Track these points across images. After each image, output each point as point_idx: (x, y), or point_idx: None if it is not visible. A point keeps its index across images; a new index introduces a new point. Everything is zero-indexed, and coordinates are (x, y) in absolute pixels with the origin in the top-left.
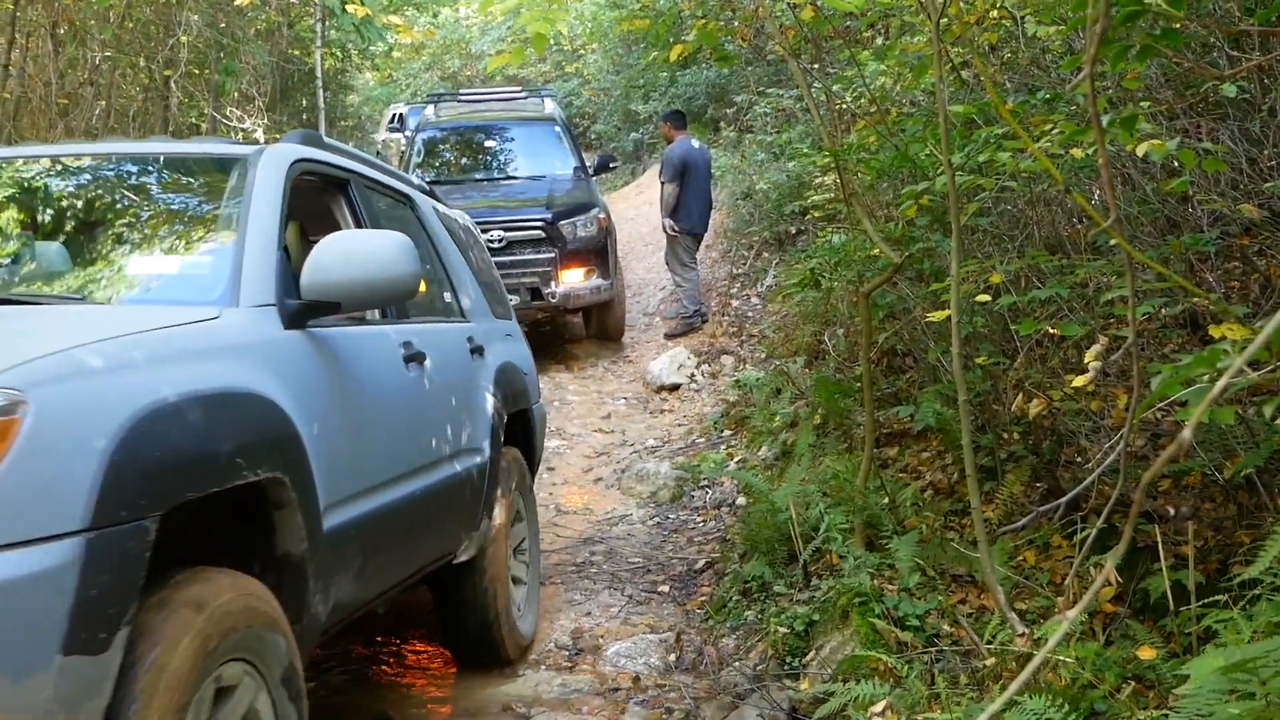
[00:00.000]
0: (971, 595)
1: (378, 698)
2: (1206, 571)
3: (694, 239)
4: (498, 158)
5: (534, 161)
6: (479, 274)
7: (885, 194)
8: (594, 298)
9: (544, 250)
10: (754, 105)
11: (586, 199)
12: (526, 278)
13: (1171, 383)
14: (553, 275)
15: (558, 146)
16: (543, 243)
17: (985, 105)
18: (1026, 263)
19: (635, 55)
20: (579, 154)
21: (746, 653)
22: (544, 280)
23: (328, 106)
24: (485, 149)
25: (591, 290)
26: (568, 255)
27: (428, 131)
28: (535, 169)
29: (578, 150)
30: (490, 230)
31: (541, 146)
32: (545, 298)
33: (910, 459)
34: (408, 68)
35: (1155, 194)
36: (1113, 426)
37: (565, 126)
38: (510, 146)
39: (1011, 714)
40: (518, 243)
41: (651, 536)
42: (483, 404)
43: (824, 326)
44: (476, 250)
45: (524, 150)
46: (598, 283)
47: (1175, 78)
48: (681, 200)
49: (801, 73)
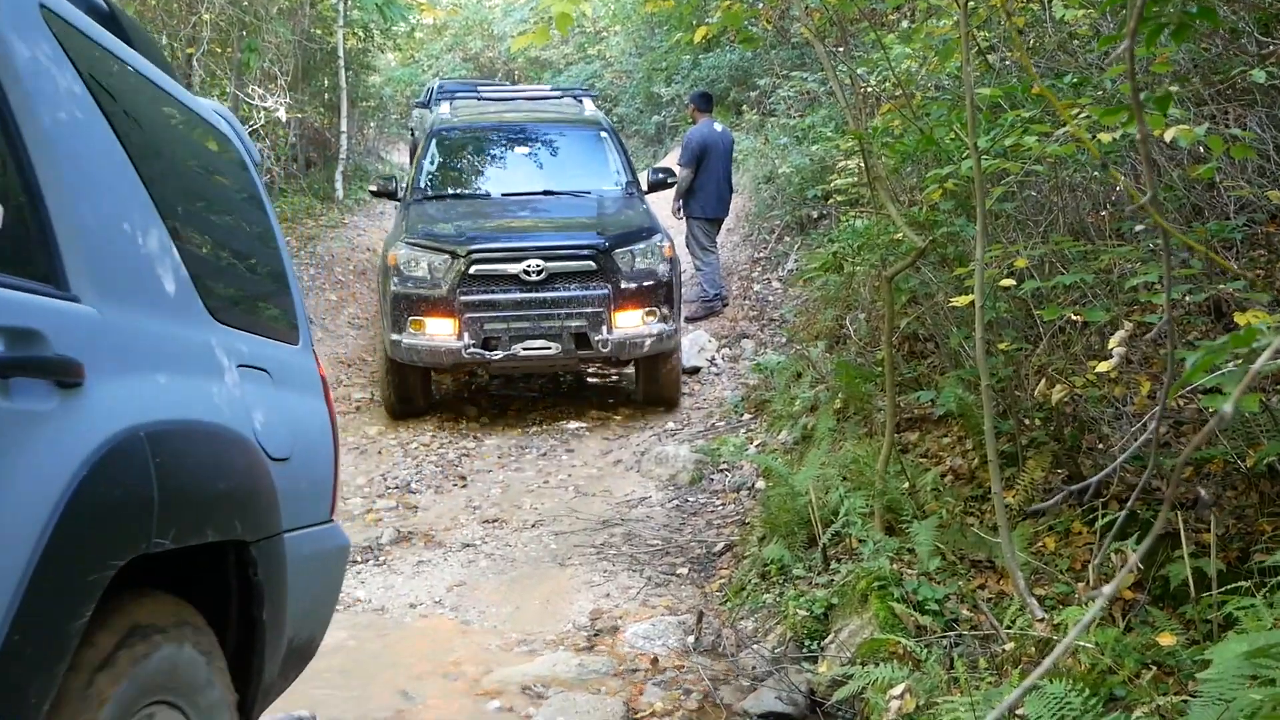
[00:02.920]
0: (991, 580)
1: None
2: (1227, 559)
3: (711, 223)
4: (531, 167)
5: (577, 174)
6: (186, 215)
7: (909, 178)
8: (655, 347)
9: (594, 285)
10: (777, 88)
11: (646, 222)
12: (571, 320)
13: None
14: (604, 318)
15: (605, 157)
16: (593, 276)
17: (1012, 89)
18: (1051, 248)
19: (658, 37)
20: (630, 167)
21: (765, 635)
22: (593, 324)
23: (350, 86)
24: (515, 156)
25: (652, 338)
26: (624, 293)
27: (443, 131)
28: (578, 183)
29: (628, 162)
30: (526, 259)
31: (585, 156)
32: (594, 346)
33: (930, 444)
34: (430, 48)
35: (1182, 180)
36: (1135, 413)
37: (613, 133)
38: (547, 155)
39: (1032, 698)
40: (561, 276)
41: (670, 519)
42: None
43: (845, 311)
44: (222, 169)
45: (564, 160)
46: (660, 328)
47: (1204, 63)
48: (698, 184)
49: (827, 55)
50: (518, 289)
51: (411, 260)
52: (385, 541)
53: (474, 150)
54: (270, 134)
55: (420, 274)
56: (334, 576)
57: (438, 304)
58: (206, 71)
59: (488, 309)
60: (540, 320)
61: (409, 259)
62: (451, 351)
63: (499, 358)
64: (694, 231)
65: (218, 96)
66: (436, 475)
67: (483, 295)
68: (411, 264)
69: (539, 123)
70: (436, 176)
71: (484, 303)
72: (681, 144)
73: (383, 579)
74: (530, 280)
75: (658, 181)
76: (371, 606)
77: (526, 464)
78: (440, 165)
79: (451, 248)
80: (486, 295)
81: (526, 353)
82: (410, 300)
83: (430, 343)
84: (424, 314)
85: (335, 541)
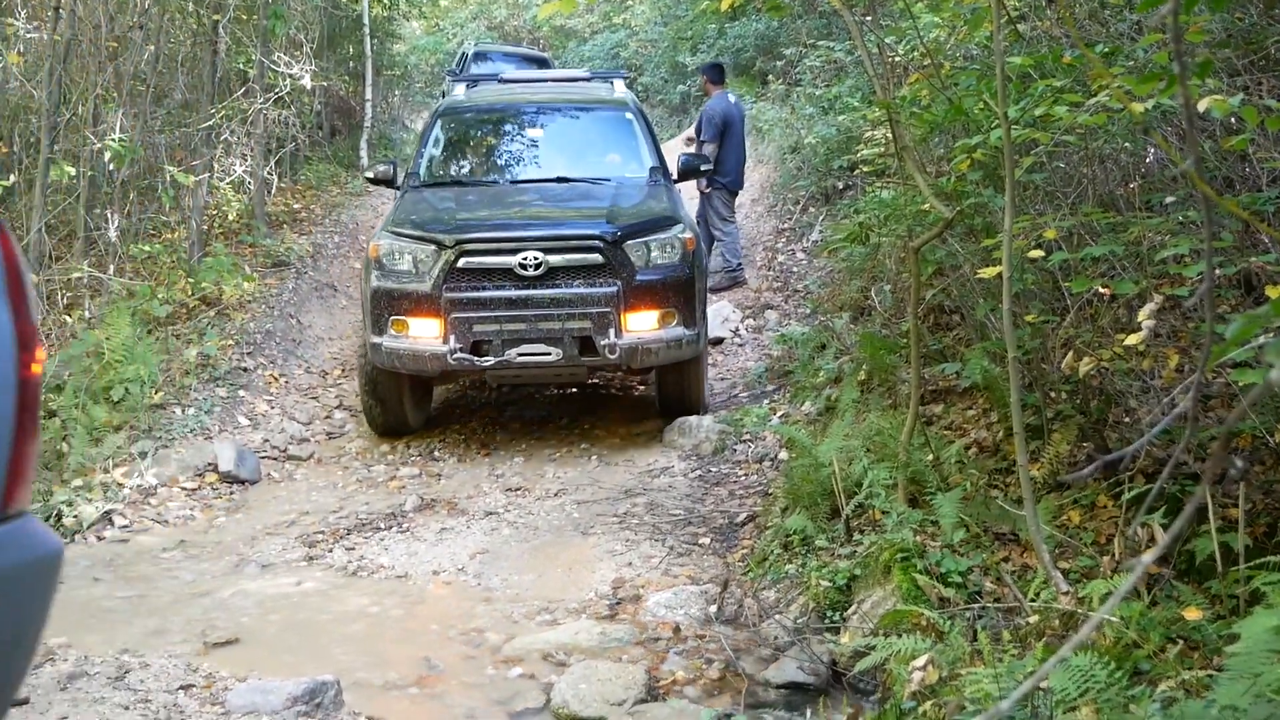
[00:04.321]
0: (1015, 553)
1: None
2: (1255, 534)
3: (731, 194)
4: (546, 152)
5: (598, 159)
6: None
7: (937, 149)
8: (671, 354)
9: (601, 282)
10: (804, 58)
11: (667, 211)
12: (573, 321)
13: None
14: (612, 319)
15: (632, 141)
16: (600, 271)
17: (1042, 58)
18: (1080, 220)
19: (684, 6)
20: (659, 152)
21: (787, 606)
22: (599, 326)
23: (375, 54)
24: (528, 140)
25: (669, 343)
26: (636, 290)
27: (450, 112)
28: (599, 169)
29: (657, 147)
30: (523, 250)
31: (609, 139)
32: (600, 351)
33: (955, 416)
34: (454, 16)
35: (1214, 151)
36: (1163, 387)
37: (641, 114)
38: (566, 138)
39: (1057, 672)
40: (563, 270)
41: (693, 489)
42: None
43: (871, 282)
44: None
45: (585, 144)
46: (679, 332)
47: (1238, 33)
48: (721, 156)
49: (855, 24)
50: (512, 285)
51: (394, 252)
52: (409, 509)
53: (483, 133)
54: (295, 102)
55: (404, 267)
56: (22, 600)
57: (422, 301)
58: (232, 39)
59: (477, 308)
60: (538, 321)
61: (391, 250)
62: (436, 357)
63: (490, 364)
64: (714, 203)
65: (244, 64)
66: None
67: (472, 292)
68: (394, 256)
69: (558, 103)
70: (439, 162)
71: (473, 300)
72: (700, 118)
73: (406, 546)
74: (527, 275)
75: (690, 168)
76: (394, 573)
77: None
78: (445, 149)
79: (438, 237)
80: (476, 292)
81: (523, 359)
82: (392, 297)
83: (413, 346)
84: (407, 313)
85: (22, 549)
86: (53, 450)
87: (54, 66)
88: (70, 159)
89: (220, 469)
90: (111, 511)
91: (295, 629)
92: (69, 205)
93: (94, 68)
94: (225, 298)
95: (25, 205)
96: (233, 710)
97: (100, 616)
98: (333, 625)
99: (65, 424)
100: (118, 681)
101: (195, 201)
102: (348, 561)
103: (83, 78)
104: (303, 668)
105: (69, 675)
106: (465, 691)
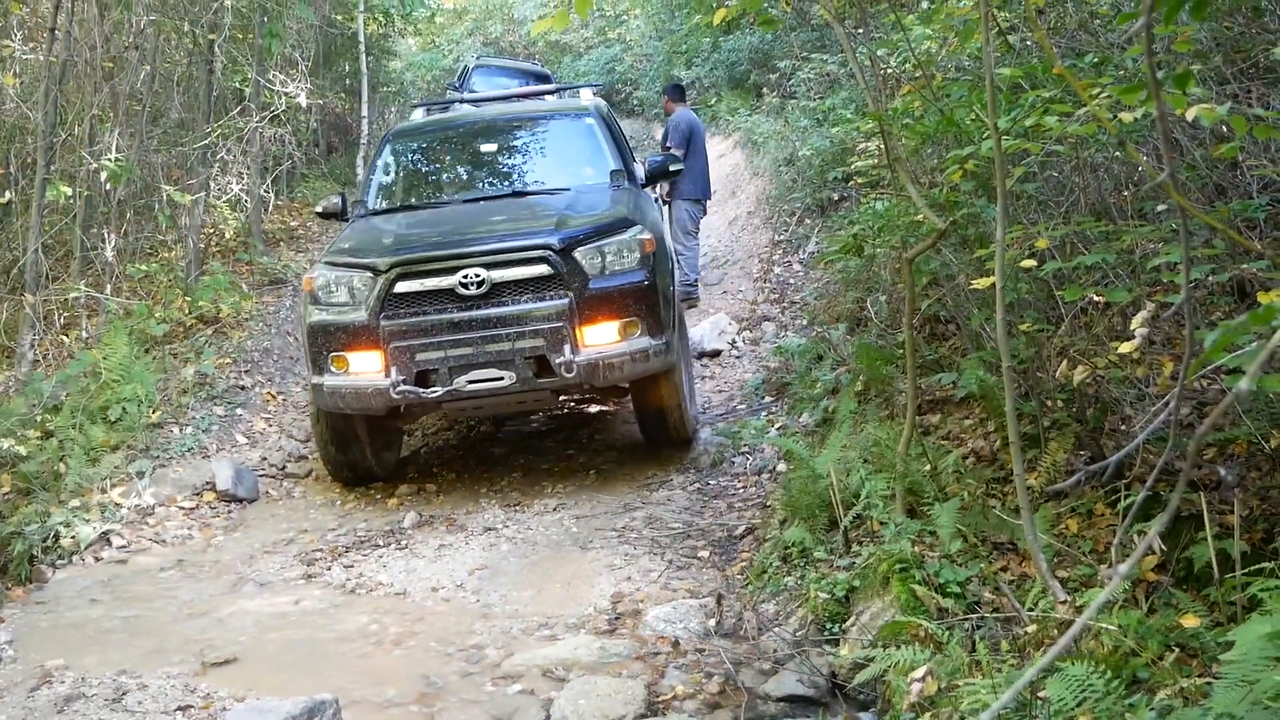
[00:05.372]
0: (1013, 562)
1: None
2: (1251, 540)
3: (697, 204)
4: (501, 167)
5: (557, 169)
6: None
7: (930, 160)
8: (639, 367)
9: (551, 295)
10: (797, 71)
11: (621, 214)
12: (524, 340)
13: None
14: (567, 334)
15: (593, 147)
16: (549, 283)
17: (1032, 69)
18: (1072, 228)
19: (678, 20)
20: (624, 155)
21: (786, 618)
22: (553, 343)
23: (370, 71)
24: (483, 156)
25: (634, 355)
26: (591, 300)
27: (399, 136)
28: (559, 179)
29: (623, 151)
30: (463, 267)
31: (569, 148)
32: (556, 371)
33: (952, 426)
34: (450, 33)
35: (1204, 159)
36: (1157, 394)
37: (605, 119)
38: (524, 151)
39: (1053, 680)
40: (508, 286)
41: (692, 502)
42: None
43: (866, 293)
44: None
45: (544, 155)
46: (644, 343)
47: (1226, 42)
48: (687, 166)
49: (846, 37)
50: (455, 306)
51: (331, 283)
52: (407, 525)
53: (435, 155)
54: (292, 120)
55: (341, 299)
56: None
57: (360, 333)
58: (228, 57)
59: (419, 334)
60: (486, 344)
61: (328, 282)
62: (379, 392)
63: (439, 395)
64: (680, 214)
65: (239, 83)
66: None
67: (411, 318)
68: (331, 288)
69: (514, 116)
70: (388, 188)
71: (413, 326)
72: (667, 128)
73: (404, 563)
74: (470, 295)
75: (658, 170)
76: (393, 590)
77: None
78: (395, 175)
79: (372, 262)
80: (416, 317)
81: (473, 386)
82: (329, 332)
83: (355, 383)
84: (346, 348)
85: None
86: (50, 471)
87: (50, 87)
88: (67, 179)
89: (218, 488)
90: (109, 532)
91: (294, 648)
92: (65, 225)
93: (90, 88)
94: (222, 316)
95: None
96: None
97: (98, 637)
98: (331, 644)
99: (63, 444)
100: (115, 703)
101: (192, 220)
102: (346, 579)
103: (79, 98)
104: (301, 686)
105: (66, 697)
106: (464, 708)
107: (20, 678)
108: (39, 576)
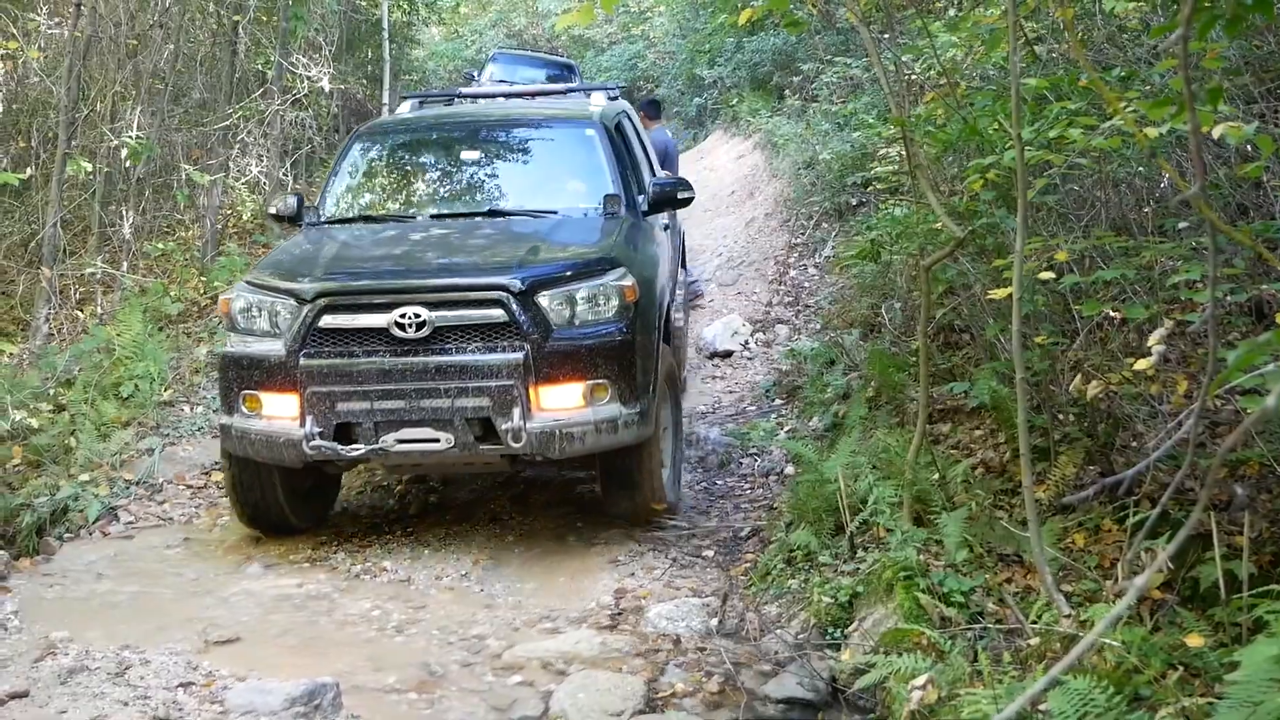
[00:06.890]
0: (1018, 575)
1: None
2: (1260, 562)
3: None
4: (483, 180)
5: (548, 187)
6: None
7: (951, 168)
8: (604, 440)
9: (504, 346)
10: (821, 74)
11: (605, 252)
12: (466, 398)
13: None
14: (518, 395)
15: (592, 164)
16: (503, 331)
17: (1058, 80)
18: (1092, 243)
19: (702, 19)
20: (626, 176)
21: (789, 621)
22: (500, 405)
23: (393, 59)
24: (464, 165)
25: (599, 425)
26: (552, 356)
27: (369, 134)
28: (548, 200)
29: (627, 171)
30: (401, 304)
31: (565, 163)
32: (503, 438)
33: (962, 436)
34: (474, 24)
35: (1228, 178)
36: (1171, 412)
37: (610, 132)
38: (510, 162)
39: (1056, 693)
40: (453, 331)
41: (698, 501)
42: None
43: (881, 299)
44: None
45: (533, 168)
46: (613, 411)
47: (1255, 60)
48: None
49: (872, 41)
50: (387, 350)
51: (251, 307)
52: (414, 513)
53: (410, 159)
54: (313, 104)
55: (262, 327)
56: None
57: (276, 371)
58: (252, 39)
59: (341, 379)
60: (421, 398)
61: (248, 305)
62: (292, 444)
63: (360, 454)
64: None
65: (262, 65)
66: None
67: (335, 359)
68: (251, 312)
69: (508, 121)
70: (350, 193)
71: (335, 370)
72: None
73: (410, 550)
74: (407, 338)
75: (665, 195)
76: (398, 577)
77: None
78: (360, 179)
79: (297, 287)
80: (340, 359)
81: (403, 446)
82: (241, 365)
83: (266, 429)
84: (259, 386)
85: None
86: (61, 444)
87: (74, 63)
88: (87, 155)
89: None
90: (117, 507)
91: (296, 630)
92: (85, 201)
93: (113, 65)
94: None
95: (42, 200)
96: (231, 709)
97: (103, 611)
98: (334, 627)
99: (74, 419)
100: (118, 677)
101: (210, 201)
102: (351, 564)
103: (102, 74)
104: (302, 669)
105: (69, 669)
106: (464, 697)
107: (25, 648)
108: (46, 549)
